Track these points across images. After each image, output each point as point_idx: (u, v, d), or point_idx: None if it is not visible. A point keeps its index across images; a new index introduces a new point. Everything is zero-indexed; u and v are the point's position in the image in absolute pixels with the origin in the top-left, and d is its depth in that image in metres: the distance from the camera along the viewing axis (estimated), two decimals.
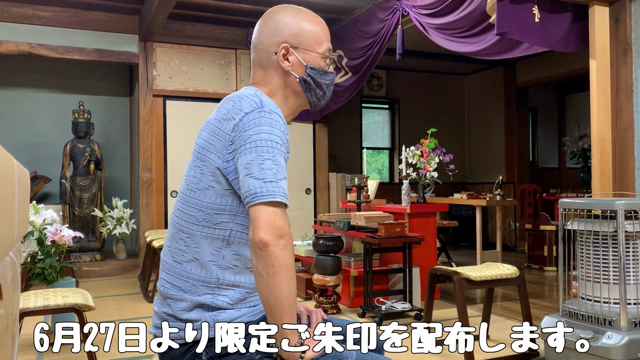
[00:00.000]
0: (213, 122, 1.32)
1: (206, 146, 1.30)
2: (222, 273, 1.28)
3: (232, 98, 1.31)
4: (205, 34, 5.98)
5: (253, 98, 1.27)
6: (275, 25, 1.38)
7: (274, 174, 1.20)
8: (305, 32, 1.38)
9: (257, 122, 1.23)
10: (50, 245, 3.28)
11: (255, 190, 1.18)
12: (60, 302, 2.47)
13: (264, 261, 1.16)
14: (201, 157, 1.31)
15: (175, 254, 1.32)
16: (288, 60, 1.37)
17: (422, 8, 4.31)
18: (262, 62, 1.39)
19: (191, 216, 1.30)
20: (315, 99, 1.42)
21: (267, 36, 1.38)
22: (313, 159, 6.51)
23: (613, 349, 2.40)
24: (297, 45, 1.37)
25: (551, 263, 5.81)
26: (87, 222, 5.92)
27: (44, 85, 6.51)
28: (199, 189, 1.30)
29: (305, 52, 1.38)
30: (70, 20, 5.57)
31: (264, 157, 1.20)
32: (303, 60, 1.37)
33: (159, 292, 1.35)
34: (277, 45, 1.36)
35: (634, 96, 3.42)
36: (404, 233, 3.87)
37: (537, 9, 3.48)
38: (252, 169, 1.19)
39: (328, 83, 1.43)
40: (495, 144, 8.31)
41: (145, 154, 5.79)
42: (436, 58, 7.27)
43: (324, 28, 1.43)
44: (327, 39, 1.42)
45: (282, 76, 1.38)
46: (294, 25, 1.37)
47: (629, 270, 2.56)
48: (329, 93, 1.45)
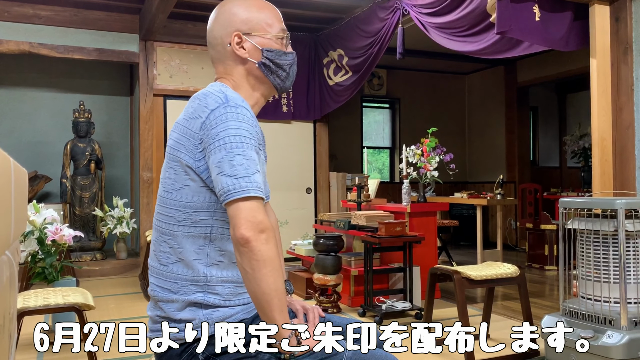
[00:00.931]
0: (181, 122, 1.32)
1: (176, 147, 1.30)
2: (208, 270, 1.28)
3: (198, 96, 1.31)
4: (205, 33, 5.97)
5: (218, 94, 1.28)
6: (224, 17, 1.39)
7: (245, 169, 1.20)
8: (254, 17, 1.38)
9: (224, 118, 1.23)
10: (51, 244, 3.28)
11: (228, 188, 1.18)
12: (60, 302, 2.47)
13: (248, 257, 1.16)
14: (173, 157, 1.31)
15: (160, 257, 1.32)
16: (243, 48, 1.37)
17: (422, 7, 4.31)
18: (220, 56, 1.40)
19: (171, 217, 1.31)
20: (279, 80, 1.42)
21: (218, 29, 1.39)
22: (314, 158, 6.50)
23: (613, 348, 2.39)
24: (249, 31, 1.37)
25: (552, 262, 5.80)
26: (88, 222, 5.92)
27: (44, 85, 6.52)
28: (174, 189, 1.30)
29: (258, 37, 1.38)
30: (70, 19, 5.57)
31: (234, 154, 1.20)
32: (258, 45, 1.38)
33: (150, 296, 1.35)
34: (230, 35, 1.37)
35: (634, 95, 3.41)
36: (404, 232, 3.87)
37: (538, 8, 3.48)
38: (223, 167, 1.19)
39: (289, 63, 1.42)
40: (495, 143, 8.30)
41: (145, 153, 5.79)
42: (437, 57, 7.27)
43: (272, 10, 1.42)
44: (278, 20, 1.42)
45: (241, 65, 1.38)
46: (242, 13, 1.38)
47: (630, 270, 2.55)
48: (293, 73, 1.44)
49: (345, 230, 4.35)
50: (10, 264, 0.66)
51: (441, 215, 6.95)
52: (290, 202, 6.29)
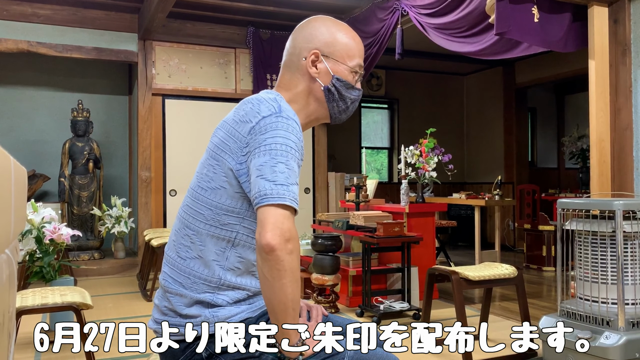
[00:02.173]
0: (230, 123, 1.32)
1: (221, 146, 1.30)
2: (224, 274, 1.28)
3: (251, 100, 1.31)
4: (204, 33, 5.98)
5: (272, 103, 1.28)
6: (310, 32, 1.39)
7: (286, 177, 1.19)
8: (338, 43, 1.38)
9: (274, 126, 1.23)
10: (49, 243, 3.28)
11: (265, 192, 1.18)
12: (58, 301, 2.46)
13: (270, 265, 1.16)
14: (215, 156, 1.31)
15: (179, 249, 1.33)
16: (316, 67, 1.37)
17: (421, 8, 4.31)
18: (291, 65, 1.40)
19: (200, 214, 1.31)
20: (337, 111, 1.42)
21: (300, 41, 1.39)
22: (312, 158, 6.50)
23: (611, 349, 2.40)
24: (328, 54, 1.37)
25: (550, 263, 5.81)
26: (86, 221, 5.92)
27: (43, 84, 6.51)
28: (210, 187, 1.30)
29: (334, 63, 1.38)
30: (69, 18, 5.57)
31: (277, 160, 1.20)
32: (331, 70, 1.37)
33: (161, 285, 1.35)
34: (309, 50, 1.37)
35: (632, 97, 3.42)
36: (402, 233, 3.87)
37: (537, 9, 3.49)
38: (264, 171, 1.19)
39: (353, 98, 1.42)
40: (494, 144, 8.31)
41: (144, 152, 5.78)
42: (435, 58, 7.27)
43: (358, 44, 1.42)
44: (359, 55, 1.41)
45: (307, 82, 1.38)
46: (328, 35, 1.38)
47: (627, 271, 2.56)
48: (352, 109, 1.45)
49: (344, 231, 4.35)
50: (9, 263, 0.66)
51: (439, 215, 6.96)
52: None
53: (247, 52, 6.14)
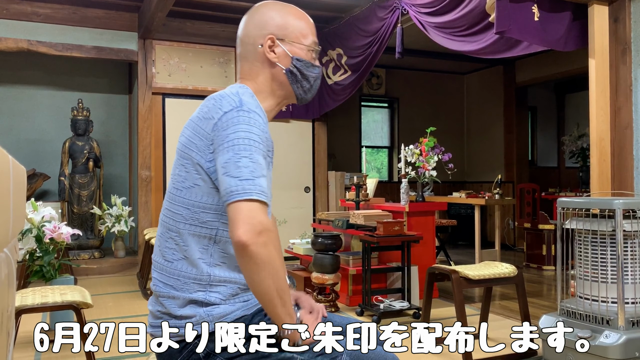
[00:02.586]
0: (195, 120, 1.32)
1: (189, 145, 1.31)
2: (212, 270, 1.28)
3: (213, 97, 1.32)
4: (204, 32, 5.98)
5: (233, 97, 1.28)
6: (261, 18, 1.40)
7: (251, 171, 1.20)
8: (291, 25, 1.40)
9: (236, 120, 1.23)
10: (49, 242, 3.28)
11: (232, 189, 1.18)
12: (58, 300, 2.46)
13: (246, 260, 1.17)
14: (185, 155, 1.32)
15: (165, 253, 1.33)
16: (274, 52, 1.38)
17: (421, 6, 4.31)
18: (248, 55, 1.41)
19: (178, 215, 1.31)
20: (302, 91, 1.43)
21: (252, 29, 1.40)
22: (312, 157, 6.50)
23: (611, 348, 2.40)
24: (283, 37, 1.39)
25: (550, 262, 5.81)
26: (86, 220, 5.92)
27: (42, 83, 6.50)
28: (185, 187, 1.31)
29: (291, 44, 1.39)
30: (69, 17, 5.56)
31: (240, 155, 1.20)
32: (289, 52, 1.39)
33: (153, 291, 1.36)
34: (263, 37, 1.38)
35: (632, 95, 3.42)
36: (402, 232, 3.87)
37: (537, 8, 3.48)
38: (229, 168, 1.20)
39: (315, 76, 1.44)
40: (494, 143, 8.31)
41: (144, 151, 5.78)
42: (436, 57, 7.27)
43: (308, 22, 1.44)
44: (312, 32, 1.43)
45: (268, 68, 1.39)
46: (279, 19, 1.39)
47: (627, 270, 2.56)
48: (316, 86, 1.46)
49: (344, 230, 4.35)
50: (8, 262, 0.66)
51: (439, 214, 6.95)
52: (289, 201, 6.29)
53: None
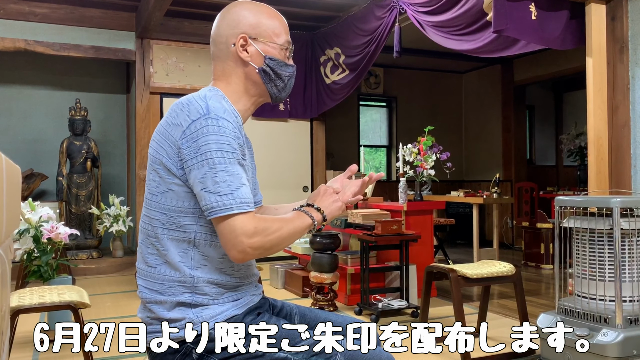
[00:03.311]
0: (164, 125, 1.31)
1: (159, 150, 1.30)
2: (194, 272, 1.28)
3: (181, 101, 1.31)
4: (202, 31, 5.97)
5: (200, 102, 1.26)
6: (233, 17, 1.39)
7: (228, 185, 1.21)
8: (263, 24, 1.39)
9: (205, 130, 1.22)
10: (47, 242, 3.27)
11: (212, 205, 1.20)
12: (55, 300, 2.46)
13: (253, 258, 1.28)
14: (156, 160, 1.31)
15: (147, 259, 1.32)
16: (247, 51, 1.37)
17: (419, 5, 4.31)
18: (221, 54, 1.40)
19: (155, 220, 1.31)
20: (276, 90, 1.42)
21: (225, 28, 1.39)
22: (310, 156, 6.50)
23: (608, 347, 2.40)
24: (256, 37, 1.38)
25: (548, 261, 5.82)
26: (84, 220, 5.91)
27: (40, 82, 6.49)
28: (159, 192, 1.30)
29: (263, 44, 1.38)
30: (66, 17, 5.55)
31: (216, 170, 1.21)
32: (262, 51, 1.38)
33: (140, 299, 1.35)
34: (236, 36, 1.37)
35: (630, 94, 3.42)
36: (400, 231, 3.87)
37: (534, 7, 3.48)
38: (207, 183, 1.21)
39: (289, 75, 1.43)
40: (492, 141, 8.31)
41: (142, 151, 5.78)
42: (434, 56, 7.27)
43: (281, 21, 1.43)
44: (285, 31, 1.43)
45: (241, 67, 1.38)
46: (252, 18, 1.38)
47: (625, 268, 2.56)
48: (290, 85, 1.45)
49: (342, 229, 4.35)
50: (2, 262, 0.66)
51: (437, 213, 6.95)
52: (287, 200, 6.26)
53: None
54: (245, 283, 1.36)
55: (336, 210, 1.38)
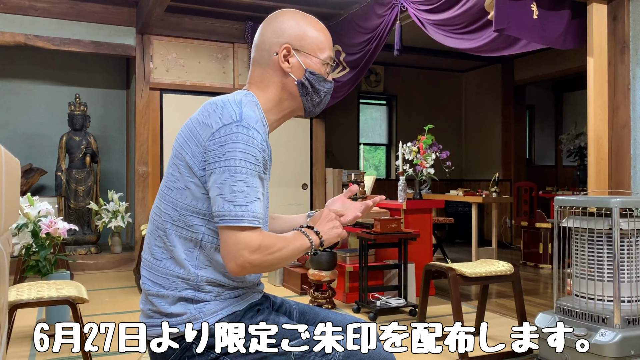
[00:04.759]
0: (194, 122, 1.31)
1: (184, 146, 1.29)
2: (198, 271, 1.28)
3: (215, 102, 1.30)
4: (202, 27, 5.96)
5: (235, 107, 1.25)
6: (279, 26, 1.37)
7: (245, 197, 1.20)
8: (308, 36, 1.37)
9: (234, 137, 1.21)
10: (45, 237, 3.27)
11: (224, 213, 1.19)
12: (54, 295, 2.46)
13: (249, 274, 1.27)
14: (179, 155, 1.30)
15: (154, 251, 1.32)
16: (288, 62, 1.36)
17: (420, 4, 4.30)
18: (262, 61, 1.38)
19: (166, 214, 1.30)
20: (311, 104, 1.41)
21: (270, 36, 1.37)
22: (310, 154, 6.49)
23: (606, 347, 2.40)
24: (299, 48, 1.36)
25: (546, 260, 5.82)
26: (83, 215, 5.91)
27: (40, 77, 6.48)
28: (176, 187, 1.29)
29: (306, 56, 1.37)
30: (66, 11, 5.54)
31: (236, 179, 1.19)
32: (303, 64, 1.37)
33: (142, 289, 1.35)
34: (279, 45, 1.35)
35: (630, 94, 3.42)
36: (399, 229, 3.87)
37: (536, 6, 3.48)
38: (224, 190, 1.20)
39: (326, 91, 1.42)
40: (492, 141, 8.31)
41: (141, 147, 5.77)
42: (434, 54, 7.26)
43: (327, 36, 1.42)
44: (329, 47, 1.41)
45: (280, 77, 1.37)
46: (298, 29, 1.37)
47: (623, 268, 2.56)
48: (325, 102, 1.44)
49: None
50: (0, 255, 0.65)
51: (437, 212, 6.96)
52: (286, 197, 6.28)
53: (245, 47, 6.12)
54: (248, 285, 1.36)
55: (334, 237, 1.36)
